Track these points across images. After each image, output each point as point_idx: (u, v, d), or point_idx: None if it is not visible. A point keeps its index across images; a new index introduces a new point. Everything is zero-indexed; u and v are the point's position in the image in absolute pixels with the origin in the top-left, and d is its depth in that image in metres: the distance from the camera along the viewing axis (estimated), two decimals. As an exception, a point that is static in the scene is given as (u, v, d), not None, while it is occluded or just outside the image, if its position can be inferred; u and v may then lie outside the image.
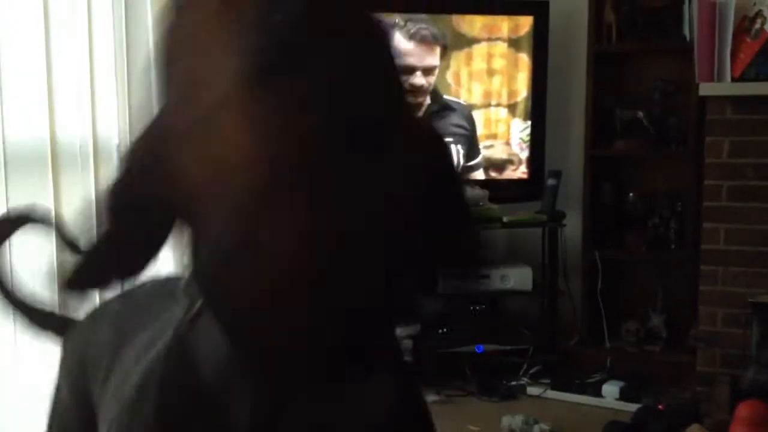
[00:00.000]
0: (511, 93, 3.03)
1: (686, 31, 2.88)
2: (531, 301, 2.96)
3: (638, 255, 2.98)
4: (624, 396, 2.59)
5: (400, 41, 2.88)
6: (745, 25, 2.71)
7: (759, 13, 2.67)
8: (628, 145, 2.97)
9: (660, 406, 2.45)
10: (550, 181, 2.94)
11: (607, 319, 2.94)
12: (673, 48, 2.94)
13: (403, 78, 0.61)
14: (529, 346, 2.84)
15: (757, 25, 2.65)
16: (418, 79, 2.92)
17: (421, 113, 2.94)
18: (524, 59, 3.00)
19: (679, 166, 2.91)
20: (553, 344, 2.90)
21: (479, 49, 2.99)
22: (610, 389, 2.63)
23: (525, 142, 3.04)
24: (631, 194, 2.99)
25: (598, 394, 2.64)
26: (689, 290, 2.73)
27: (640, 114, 2.96)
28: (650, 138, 2.95)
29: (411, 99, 0.78)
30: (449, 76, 2.98)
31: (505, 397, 2.67)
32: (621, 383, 2.64)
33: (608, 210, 3.00)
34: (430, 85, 2.94)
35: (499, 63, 3.01)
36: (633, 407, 2.47)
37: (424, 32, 2.91)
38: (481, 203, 2.79)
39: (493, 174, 3.05)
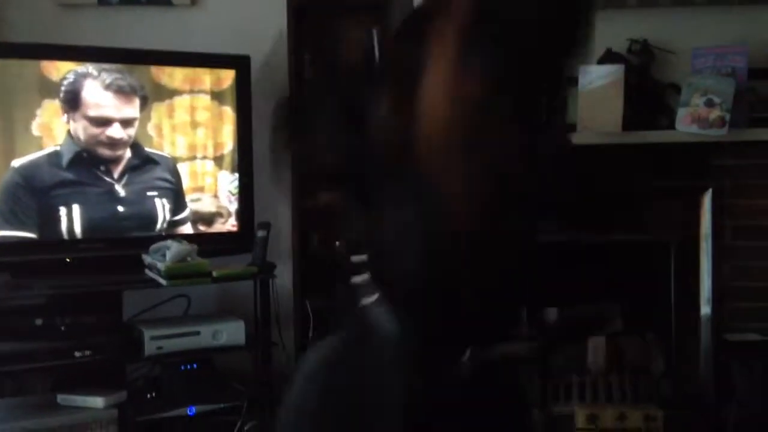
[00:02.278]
0: (217, 145, 3.00)
1: (380, 87, 3.05)
2: (245, 355, 2.91)
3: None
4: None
5: (95, 92, 2.75)
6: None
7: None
8: (333, 196, 3.06)
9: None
10: (260, 233, 2.93)
11: (321, 367, 2.96)
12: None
13: None
14: (243, 403, 2.78)
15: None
16: (117, 131, 2.79)
17: (121, 167, 2.82)
18: (228, 112, 2.99)
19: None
20: (269, 398, 2.86)
21: (182, 102, 2.93)
22: (324, 437, 2.63)
23: (233, 194, 3.02)
24: (338, 243, 3.08)
25: (312, 443, 2.63)
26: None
27: (344, 166, 3.07)
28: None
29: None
30: (151, 129, 2.89)
31: (219, 457, 2.59)
32: (334, 430, 2.66)
33: (317, 260, 3.05)
34: (130, 137, 2.83)
35: (203, 115, 2.97)
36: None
37: (121, 83, 2.80)
38: (189, 258, 2.72)
39: (202, 228, 2.99)
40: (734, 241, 2.85)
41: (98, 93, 2.75)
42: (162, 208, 2.89)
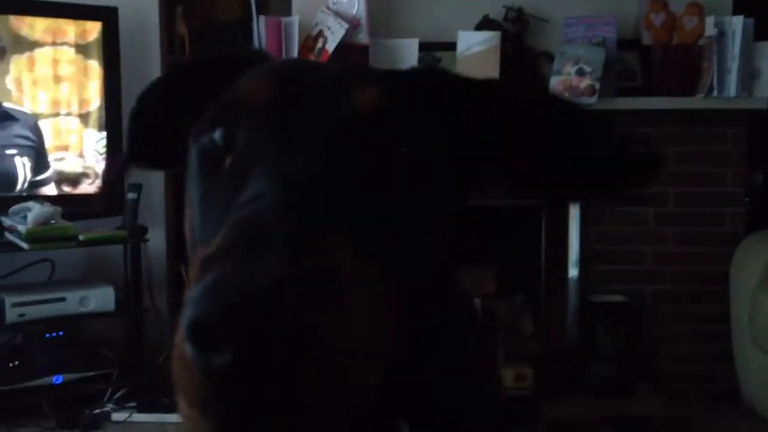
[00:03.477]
0: (83, 102, 2.84)
1: (256, 47, 2.96)
2: (115, 322, 2.81)
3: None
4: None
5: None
6: (309, 43, 2.88)
7: (321, 33, 2.85)
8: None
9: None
10: (130, 195, 2.81)
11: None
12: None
13: None
14: (113, 370, 2.68)
15: (320, 44, 2.83)
16: (-29, 84, 2.59)
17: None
18: (95, 66, 2.83)
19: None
20: (140, 365, 2.78)
21: (43, 54, 2.75)
22: (199, 404, 2.59)
23: (101, 154, 2.87)
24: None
25: (187, 410, 2.58)
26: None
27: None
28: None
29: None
30: (10, 83, 2.70)
31: (88, 427, 2.48)
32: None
33: (191, 222, 2.96)
34: (-14, 91, 2.64)
35: (66, 69, 2.80)
36: (222, 419, 2.46)
37: (-24, 32, 2.60)
38: (53, 221, 2.58)
39: (67, 189, 2.83)
40: (599, 206, 2.97)
41: (-51, 42, 2.54)
42: (22, 167, 2.72)
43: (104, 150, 2.86)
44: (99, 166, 2.86)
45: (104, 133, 2.85)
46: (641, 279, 2.98)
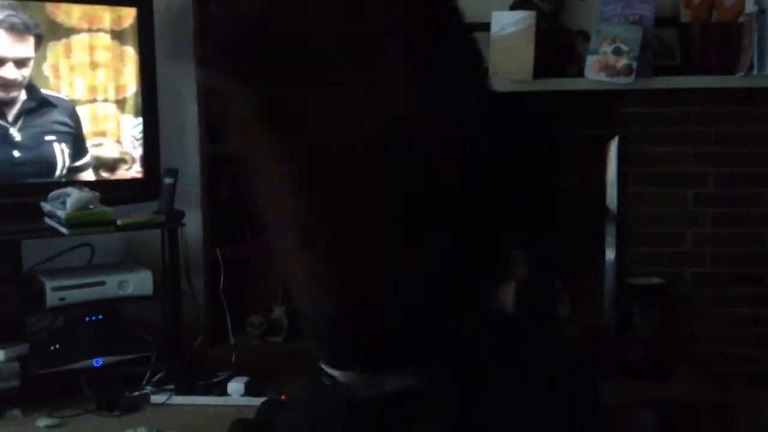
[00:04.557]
0: (119, 88, 2.87)
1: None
2: (153, 305, 2.84)
3: (259, 250, 3.01)
4: (249, 391, 2.60)
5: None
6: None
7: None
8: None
9: (283, 397, 2.50)
10: (167, 180, 2.84)
11: (232, 316, 2.93)
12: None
13: None
14: (151, 353, 2.72)
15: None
16: (10, 71, 2.63)
17: (16, 109, 2.67)
18: (130, 52, 2.85)
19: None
20: (178, 348, 2.81)
21: (80, 41, 2.78)
22: (236, 386, 2.62)
23: (138, 139, 2.90)
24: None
25: (224, 392, 2.62)
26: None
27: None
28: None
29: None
30: (47, 69, 2.73)
31: (127, 409, 2.53)
32: (246, 379, 2.65)
33: (227, 207, 2.98)
34: (24, 78, 2.67)
35: (103, 56, 2.82)
36: (259, 402, 2.49)
37: (14, 20, 2.63)
38: (92, 206, 2.61)
39: (105, 174, 2.86)
40: (637, 187, 2.93)
41: (-12, 30, 2.58)
42: (61, 153, 2.76)
43: (140, 136, 2.89)
44: (136, 151, 2.89)
45: (140, 119, 2.88)
46: (680, 261, 2.93)
